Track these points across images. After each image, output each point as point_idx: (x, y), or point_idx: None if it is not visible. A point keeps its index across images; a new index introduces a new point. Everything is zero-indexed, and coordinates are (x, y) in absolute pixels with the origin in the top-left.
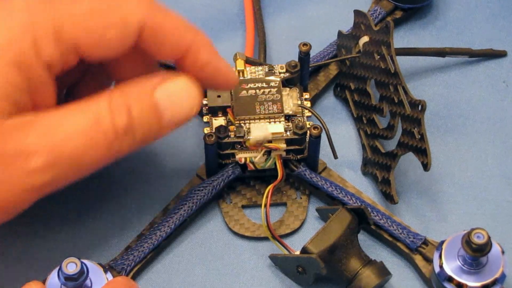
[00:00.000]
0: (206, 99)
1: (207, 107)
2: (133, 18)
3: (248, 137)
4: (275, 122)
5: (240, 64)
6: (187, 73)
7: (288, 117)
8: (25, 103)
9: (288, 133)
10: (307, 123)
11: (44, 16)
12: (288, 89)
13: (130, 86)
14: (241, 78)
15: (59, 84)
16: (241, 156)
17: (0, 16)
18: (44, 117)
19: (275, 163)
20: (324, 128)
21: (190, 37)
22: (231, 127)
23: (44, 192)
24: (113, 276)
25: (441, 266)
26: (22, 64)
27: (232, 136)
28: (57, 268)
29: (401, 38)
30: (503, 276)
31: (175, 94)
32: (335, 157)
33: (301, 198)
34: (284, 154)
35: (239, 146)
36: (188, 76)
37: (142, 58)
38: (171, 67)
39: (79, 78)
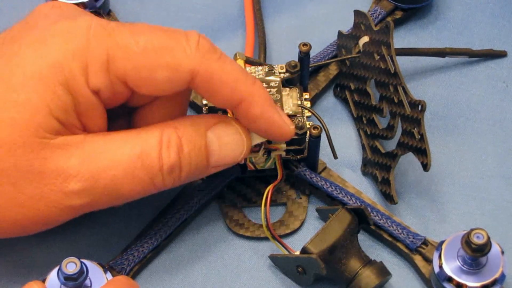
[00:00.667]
0: (206, 99)
1: (207, 107)
2: (186, 64)
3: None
4: None
5: (240, 64)
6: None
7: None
8: (74, 124)
9: None
10: (307, 123)
11: (100, 44)
12: (288, 89)
13: (184, 124)
14: None
15: (118, 110)
16: None
17: (61, 34)
18: (90, 141)
19: (275, 163)
20: (324, 128)
21: (244, 89)
22: None
23: (80, 212)
24: (113, 276)
25: (440, 266)
26: (71, 86)
27: None
28: (57, 268)
29: (401, 38)
30: (502, 276)
31: (226, 138)
32: (335, 157)
33: (301, 198)
34: (284, 154)
35: None
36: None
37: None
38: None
39: (145, 103)
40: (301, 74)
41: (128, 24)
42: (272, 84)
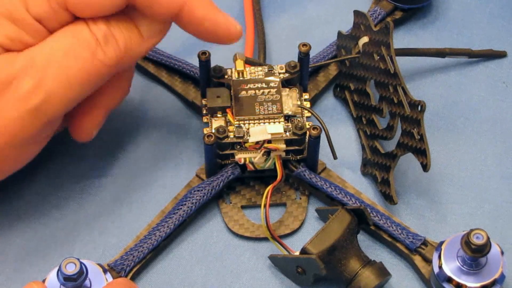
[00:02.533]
0: (205, 99)
1: (206, 108)
2: None
3: (248, 138)
4: (274, 122)
5: (240, 65)
6: None
7: (287, 118)
8: (17, 49)
9: (287, 133)
10: (307, 123)
11: None
12: (287, 89)
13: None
14: (241, 78)
15: None
16: (240, 157)
17: None
18: (27, 50)
19: (274, 164)
20: (324, 129)
21: None
22: (231, 128)
23: (43, 116)
24: (113, 277)
25: (440, 267)
26: (14, 17)
27: (232, 136)
28: (56, 268)
29: (401, 38)
30: (502, 277)
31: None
32: (335, 157)
33: (300, 198)
34: (283, 154)
35: (239, 147)
36: None
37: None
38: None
39: None
40: (301, 74)
41: None
42: (272, 84)
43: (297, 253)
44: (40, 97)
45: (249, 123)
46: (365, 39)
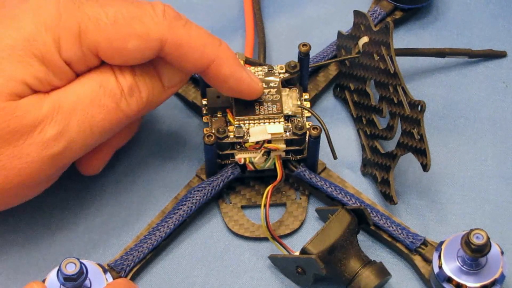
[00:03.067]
0: (205, 99)
1: (206, 108)
2: (155, 32)
3: (248, 138)
4: (274, 122)
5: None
6: None
7: (287, 118)
8: (43, 90)
9: (287, 133)
10: (307, 123)
11: (71, 16)
12: (287, 89)
13: None
14: None
15: None
16: (240, 157)
17: (32, 7)
18: (54, 92)
19: (274, 164)
20: (324, 129)
21: (212, 52)
22: (231, 128)
23: (61, 161)
24: (113, 277)
25: (440, 267)
26: (45, 58)
27: (232, 136)
28: (56, 268)
29: (401, 38)
30: (502, 277)
31: (169, 65)
32: (335, 157)
33: (300, 198)
34: (283, 154)
35: (239, 147)
36: None
37: None
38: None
39: None
40: (301, 74)
41: None
42: (272, 84)
43: (297, 253)
44: (62, 144)
45: (249, 123)
46: (365, 39)
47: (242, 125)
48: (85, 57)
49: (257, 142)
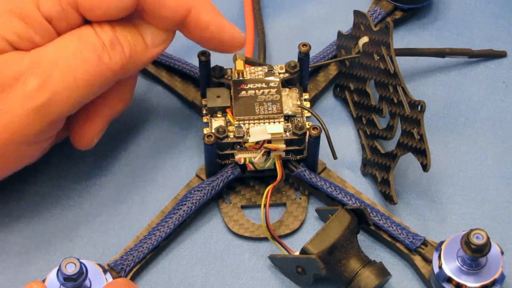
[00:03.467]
0: (205, 99)
1: (206, 108)
2: None
3: (248, 138)
4: (274, 122)
5: (240, 65)
6: None
7: (287, 118)
8: (24, 47)
9: (287, 133)
10: (307, 123)
11: None
12: (287, 89)
13: None
14: (241, 78)
15: None
16: (240, 157)
17: None
18: (35, 49)
19: (274, 164)
20: (324, 129)
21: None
22: (230, 128)
23: (47, 114)
24: (112, 277)
25: (440, 267)
26: (24, 14)
27: (232, 136)
28: (56, 268)
29: (401, 38)
30: (502, 277)
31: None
32: (335, 157)
33: (300, 198)
34: (283, 154)
35: (239, 147)
36: None
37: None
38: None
39: None
40: (301, 74)
41: None
42: (272, 84)
43: (297, 253)
44: (45, 96)
45: (249, 123)
46: (365, 39)
47: (242, 125)
48: (65, 13)
49: (257, 142)
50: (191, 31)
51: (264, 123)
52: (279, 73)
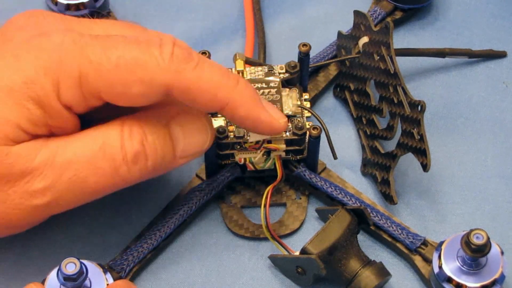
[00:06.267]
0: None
1: None
2: (160, 78)
3: (247, 138)
4: None
5: (240, 65)
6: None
7: (287, 118)
8: (43, 135)
9: (287, 133)
10: (307, 123)
11: (72, 60)
12: (287, 89)
13: (146, 115)
14: None
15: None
16: (240, 157)
17: (34, 49)
18: (54, 141)
19: (274, 164)
20: (324, 129)
21: (225, 95)
22: (231, 128)
23: (44, 214)
24: (113, 277)
25: (440, 267)
26: (42, 102)
27: (232, 136)
28: (56, 268)
29: (401, 38)
30: (502, 277)
31: (189, 126)
32: (335, 157)
33: (300, 198)
34: (283, 154)
35: (239, 147)
36: (203, 112)
37: None
38: None
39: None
40: (301, 74)
41: (102, 37)
42: (272, 84)
43: (297, 253)
44: (48, 198)
45: None
46: (365, 39)
47: None
48: (86, 100)
49: (257, 142)
50: (228, 119)
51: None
52: (279, 73)
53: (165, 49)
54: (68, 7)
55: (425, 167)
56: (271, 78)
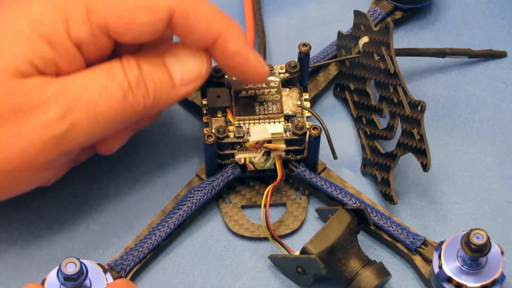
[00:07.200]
0: (205, 99)
1: (206, 108)
2: (163, 3)
3: (248, 138)
4: (274, 122)
5: None
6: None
7: (287, 118)
8: (50, 72)
9: (287, 133)
10: (307, 123)
11: None
12: (287, 89)
13: (141, 51)
14: None
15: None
16: (240, 157)
17: None
18: (62, 78)
19: (274, 164)
20: (324, 129)
21: (220, 26)
22: (231, 128)
23: (64, 145)
24: (113, 277)
25: (440, 267)
26: (53, 39)
27: (232, 136)
28: (56, 268)
29: (401, 38)
30: (502, 277)
31: (183, 56)
32: (335, 157)
33: (300, 198)
34: (283, 154)
35: (239, 147)
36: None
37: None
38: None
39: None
40: (301, 74)
41: None
42: (272, 84)
43: (297, 253)
44: (65, 126)
45: (249, 123)
46: (365, 39)
47: (242, 125)
48: (95, 37)
49: (257, 142)
50: (216, 56)
51: (264, 123)
52: (279, 73)
53: None
54: None
55: (425, 167)
56: (271, 78)
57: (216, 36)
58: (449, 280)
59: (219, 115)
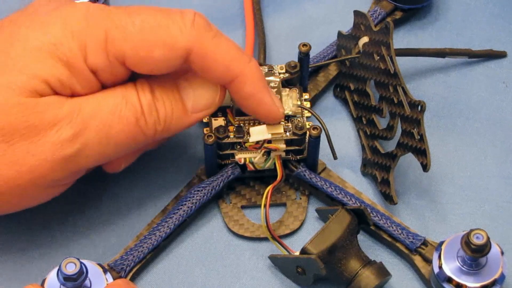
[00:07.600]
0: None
1: None
2: (181, 42)
3: (248, 138)
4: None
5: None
6: None
7: (287, 118)
8: (65, 93)
9: (287, 133)
10: (307, 123)
11: (98, 24)
12: (287, 89)
13: (155, 77)
14: None
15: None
16: (240, 157)
17: (61, 15)
18: (76, 98)
19: (274, 164)
20: (324, 129)
21: (238, 69)
22: (231, 128)
23: (73, 165)
24: (113, 277)
25: (440, 267)
26: (70, 63)
27: (232, 136)
28: (56, 268)
29: (401, 38)
30: (502, 277)
31: (197, 83)
32: (335, 157)
33: (300, 198)
34: (283, 154)
35: (239, 147)
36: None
37: None
38: None
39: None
40: (301, 74)
41: (125, 6)
42: (272, 84)
43: (297, 253)
44: (76, 147)
45: (249, 123)
46: (365, 39)
47: (242, 125)
48: (111, 66)
49: (257, 142)
50: (231, 94)
51: (264, 123)
52: (279, 73)
53: (187, 16)
54: None
55: (425, 167)
56: (271, 78)
57: (233, 78)
58: (449, 280)
59: (219, 115)
